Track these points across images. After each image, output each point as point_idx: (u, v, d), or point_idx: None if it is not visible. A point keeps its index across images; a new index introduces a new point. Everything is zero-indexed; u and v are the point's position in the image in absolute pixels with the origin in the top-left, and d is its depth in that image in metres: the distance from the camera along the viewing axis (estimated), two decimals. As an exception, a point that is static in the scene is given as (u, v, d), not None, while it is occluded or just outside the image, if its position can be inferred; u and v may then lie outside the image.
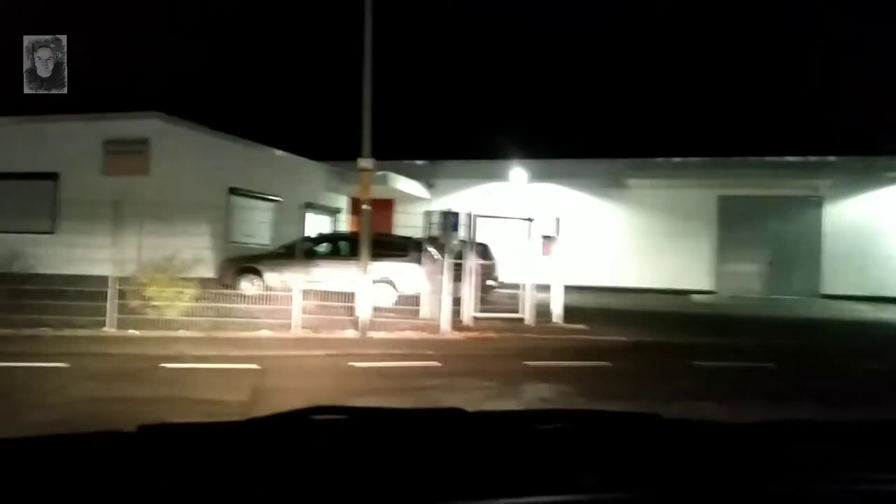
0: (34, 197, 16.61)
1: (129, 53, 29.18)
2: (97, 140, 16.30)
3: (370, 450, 1.39)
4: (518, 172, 25.01)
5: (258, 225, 18.93)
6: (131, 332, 10.66)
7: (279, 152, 20.90)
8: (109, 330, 10.70)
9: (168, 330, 10.81)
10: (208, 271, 15.83)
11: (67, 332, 10.36)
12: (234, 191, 18.43)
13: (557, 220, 13.75)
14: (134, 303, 11.70)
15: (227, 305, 12.43)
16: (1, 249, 15.42)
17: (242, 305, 12.46)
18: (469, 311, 12.89)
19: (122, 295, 11.25)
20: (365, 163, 11.43)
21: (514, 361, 9.27)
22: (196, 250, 15.17)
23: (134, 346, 9.55)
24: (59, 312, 10.96)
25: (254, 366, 8.47)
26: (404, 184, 23.57)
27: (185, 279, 13.27)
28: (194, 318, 11.58)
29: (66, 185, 16.41)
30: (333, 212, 23.47)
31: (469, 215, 13.09)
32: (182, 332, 10.74)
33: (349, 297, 13.50)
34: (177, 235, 14.10)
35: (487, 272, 15.32)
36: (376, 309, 12.10)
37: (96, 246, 13.37)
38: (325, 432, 1.52)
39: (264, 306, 12.63)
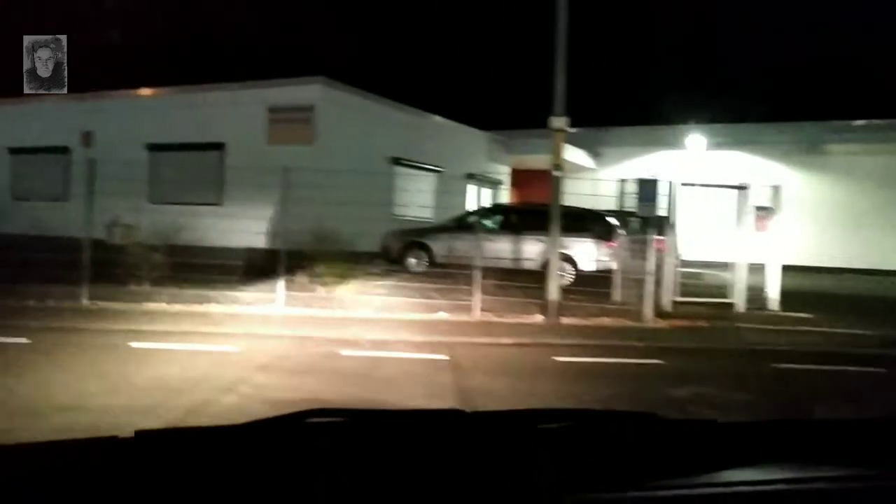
0: (201, 168, 16.37)
1: (290, 17, 28.93)
2: (261, 108, 15.77)
3: (367, 452, 1.38)
4: (696, 139, 22.60)
5: (419, 196, 17.89)
6: (301, 310, 9.79)
7: (442, 120, 19.75)
8: (278, 307, 9.88)
9: (338, 309, 9.87)
10: (371, 245, 14.95)
11: (236, 308, 9.64)
12: (396, 160, 17.46)
13: (776, 188, 11.67)
14: (301, 279, 10.89)
15: (397, 283, 11.38)
16: (170, 221, 15.26)
17: (413, 284, 11.35)
18: (668, 295, 11.12)
19: (289, 270, 10.43)
20: (558, 122, 9.89)
21: (757, 362, 7.53)
22: (360, 223, 14.32)
23: (306, 327, 8.62)
24: (228, 287, 10.34)
25: (442, 356, 7.31)
26: (569, 153, 21.79)
27: (351, 253, 12.43)
28: (364, 296, 10.61)
29: (231, 155, 16.02)
30: (495, 183, 22.12)
31: (669, 184, 11.29)
32: (353, 312, 9.75)
33: (528, 276, 12.18)
34: (341, 207, 13.21)
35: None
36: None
37: (262, 218, 12.76)
38: (322, 435, 1.49)
39: (436, 285, 11.48)
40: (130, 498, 1.17)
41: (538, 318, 9.92)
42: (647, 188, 10.76)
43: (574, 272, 13.23)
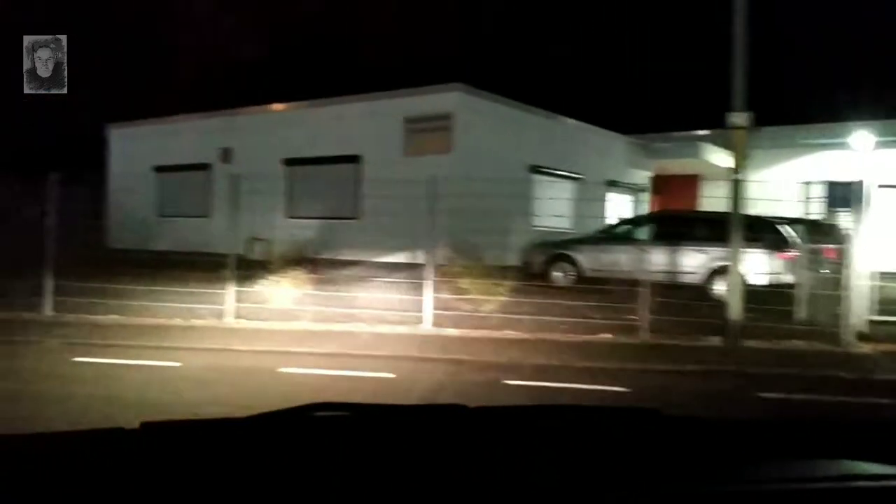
0: (338, 181, 16.14)
1: (419, 25, 28.65)
2: (397, 119, 15.35)
3: (372, 446, 1.37)
4: (861, 137, 20.36)
5: (558, 205, 16.90)
6: (450, 330, 9.10)
7: (579, 123, 18.70)
8: (426, 326, 9.24)
9: (488, 329, 9.09)
10: (511, 258, 14.16)
11: (382, 328, 9.08)
12: (534, 168, 16.60)
13: None
14: (445, 294, 10.20)
15: (546, 300, 10.48)
16: (307, 235, 15.09)
17: (563, 300, 10.41)
18: (862, 313, 9.62)
19: (435, 286, 9.78)
20: (739, 118, 8.69)
21: None
22: (499, 235, 13.59)
23: (459, 349, 7.91)
24: (372, 304, 9.82)
25: (622, 388, 6.39)
26: (716, 156, 20.23)
27: (494, 268, 11.71)
28: (513, 315, 9.76)
29: (367, 167, 15.69)
30: (636, 190, 20.80)
31: (865, 186, 9.81)
32: (507, 332, 8.96)
33: (686, 291, 11.07)
34: (480, 220, 12.49)
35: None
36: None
37: (400, 231, 12.24)
38: (328, 429, 1.49)
39: (588, 301, 10.49)
40: (135, 488, 1.15)
41: (715, 339, 8.78)
42: (839, 192, 9.32)
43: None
